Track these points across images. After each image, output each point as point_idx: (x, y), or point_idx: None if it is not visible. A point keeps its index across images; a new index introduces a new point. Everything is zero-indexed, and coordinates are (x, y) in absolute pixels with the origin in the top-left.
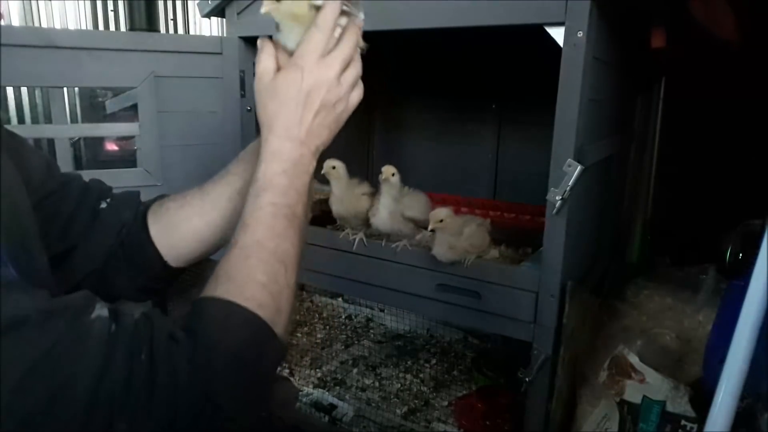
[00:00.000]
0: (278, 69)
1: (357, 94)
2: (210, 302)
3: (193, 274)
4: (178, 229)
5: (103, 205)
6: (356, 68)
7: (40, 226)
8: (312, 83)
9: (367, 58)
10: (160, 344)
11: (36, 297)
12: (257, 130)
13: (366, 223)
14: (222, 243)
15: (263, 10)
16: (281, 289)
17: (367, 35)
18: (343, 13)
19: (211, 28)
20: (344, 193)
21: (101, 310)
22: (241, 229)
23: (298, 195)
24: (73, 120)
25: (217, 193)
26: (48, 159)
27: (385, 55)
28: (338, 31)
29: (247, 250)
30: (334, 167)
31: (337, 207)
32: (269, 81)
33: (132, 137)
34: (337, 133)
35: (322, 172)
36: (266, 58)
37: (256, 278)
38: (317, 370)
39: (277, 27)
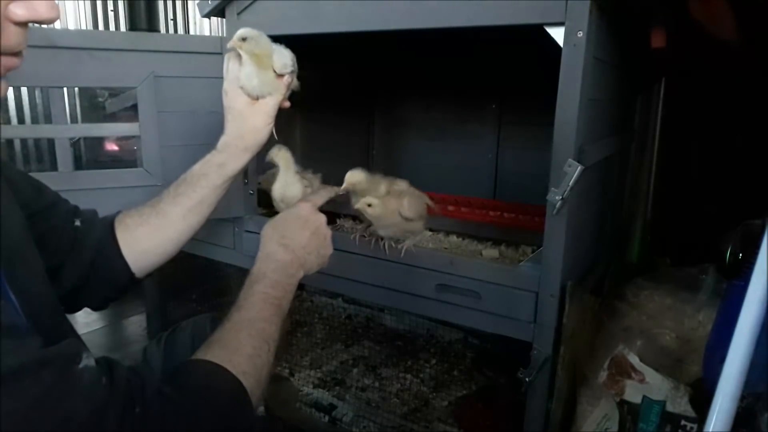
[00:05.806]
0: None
1: (325, 257)
2: (201, 363)
3: (187, 276)
4: (141, 245)
5: (77, 222)
6: (329, 249)
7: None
8: (309, 216)
9: (367, 57)
10: (152, 399)
11: (28, 345)
12: None
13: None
14: (176, 252)
15: (228, 44)
16: (264, 365)
17: (367, 34)
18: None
19: (211, 28)
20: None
21: (88, 360)
22: (236, 310)
23: (285, 292)
24: (73, 120)
25: (172, 213)
26: (36, 181)
27: (385, 55)
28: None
29: (239, 325)
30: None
31: (379, 210)
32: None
33: (132, 137)
34: (337, 133)
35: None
36: None
37: (245, 350)
38: (317, 370)
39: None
